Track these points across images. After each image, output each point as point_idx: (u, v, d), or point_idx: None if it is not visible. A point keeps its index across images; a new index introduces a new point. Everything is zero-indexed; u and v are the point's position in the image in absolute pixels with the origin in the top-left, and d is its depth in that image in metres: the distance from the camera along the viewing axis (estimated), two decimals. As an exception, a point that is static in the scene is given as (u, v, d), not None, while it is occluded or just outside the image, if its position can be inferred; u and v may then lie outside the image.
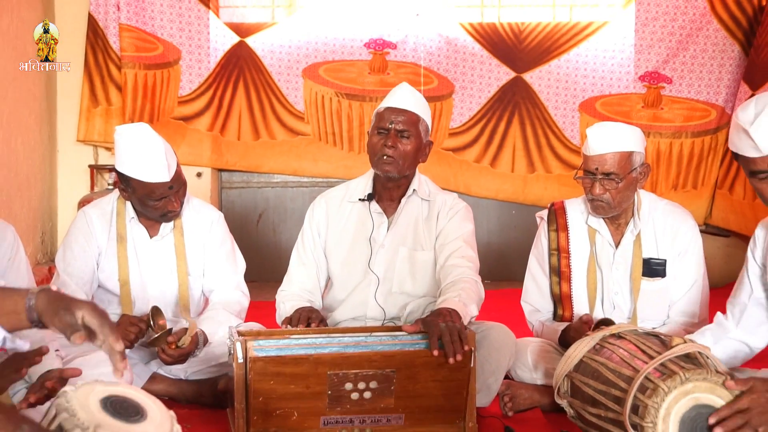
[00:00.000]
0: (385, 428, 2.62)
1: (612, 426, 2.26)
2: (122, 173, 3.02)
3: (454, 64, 6.05)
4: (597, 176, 2.99)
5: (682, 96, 6.07)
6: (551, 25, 6.03)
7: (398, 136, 2.97)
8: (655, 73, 6.05)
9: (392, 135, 2.97)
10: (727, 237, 6.01)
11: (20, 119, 5.19)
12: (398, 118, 2.97)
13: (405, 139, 2.98)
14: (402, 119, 2.97)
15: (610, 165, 2.97)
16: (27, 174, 5.30)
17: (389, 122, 2.98)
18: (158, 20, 5.82)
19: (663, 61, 6.03)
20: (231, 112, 5.98)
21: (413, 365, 2.57)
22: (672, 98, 6.07)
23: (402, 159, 2.97)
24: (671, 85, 6.06)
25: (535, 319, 3.27)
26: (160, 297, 3.14)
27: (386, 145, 2.96)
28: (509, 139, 6.12)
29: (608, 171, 2.97)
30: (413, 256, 3.08)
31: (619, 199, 3.02)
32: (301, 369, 2.52)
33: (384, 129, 2.98)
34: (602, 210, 3.04)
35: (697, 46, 6.00)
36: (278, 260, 3.29)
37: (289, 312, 2.96)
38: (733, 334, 2.67)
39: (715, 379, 2.13)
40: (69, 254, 3.13)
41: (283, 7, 5.95)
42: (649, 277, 3.09)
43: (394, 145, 2.96)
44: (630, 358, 2.30)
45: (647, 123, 5.98)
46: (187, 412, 2.75)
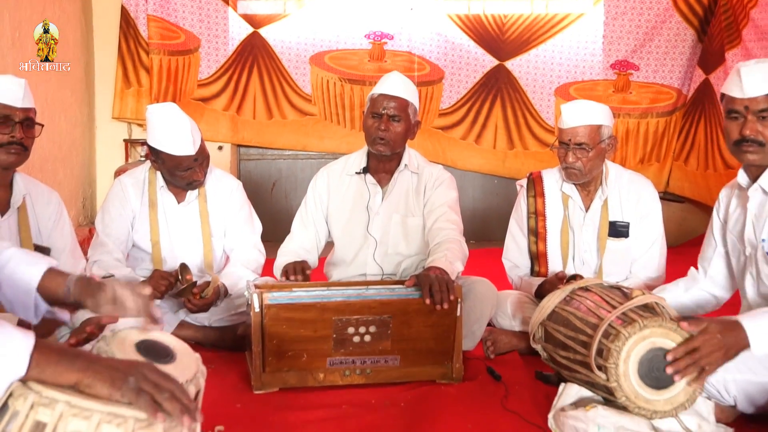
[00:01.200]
0: (382, 368, 2.64)
1: (580, 367, 2.27)
2: (153, 147, 3.03)
3: (444, 53, 6.03)
4: (570, 146, 3.00)
5: (648, 81, 6.07)
6: (531, 18, 6.00)
7: (390, 120, 2.98)
8: (624, 61, 6.04)
9: (385, 119, 2.98)
10: (682, 203, 6.04)
11: (63, 99, 5.19)
12: (390, 104, 2.98)
13: (396, 123, 2.99)
14: (393, 105, 2.98)
15: (581, 136, 2.98)
16: (69, 147, 5.30)
17: (382, 107, 2.99)
18: (180, 12, 5.79)
19: (631, 51, 6.02)
20: (246, 95, 5.97)
21: (407, 312, 2.60)
22: (639, 83, 6.07)
23: (393, 139, 3.00)
24: (638, 71, 6.06)
25: (515, 274, 3.28)
26: (186, 255, 3.14)
27: (379, 128, 2.98)
28: (492, 119, 6.12)
29: (580, 142, 2.98)
30: (405, 221, 3.10)
31: (590, 167, 3.02)
32: (309, 315, 2.56)
33: (377, 114, 3.00)
34: (575, 176, 3.06)
35: (662, 36, 5.99)
36: (290, 223, 3.29)
37: (281, 265, 3.00)
38: (701, 285, 2.66)
39: (669, 325, 2.14)
40: (107, 218, 3.14)
41: (293, 1, 5.92)
42: (615, 238, 3.10)
43: (387, 128, 2.98)
44: (596, 308, 2.31)
45: (617, 105, 5.99)
46: (210, 355, 2.77)
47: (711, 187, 5.69)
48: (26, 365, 1.26)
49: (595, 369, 2.18)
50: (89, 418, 1.27)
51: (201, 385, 1.72)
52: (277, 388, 2.60)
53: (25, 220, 2.69)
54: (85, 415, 1.28)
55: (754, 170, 2.39)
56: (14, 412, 1.30)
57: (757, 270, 2.41)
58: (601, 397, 2.25)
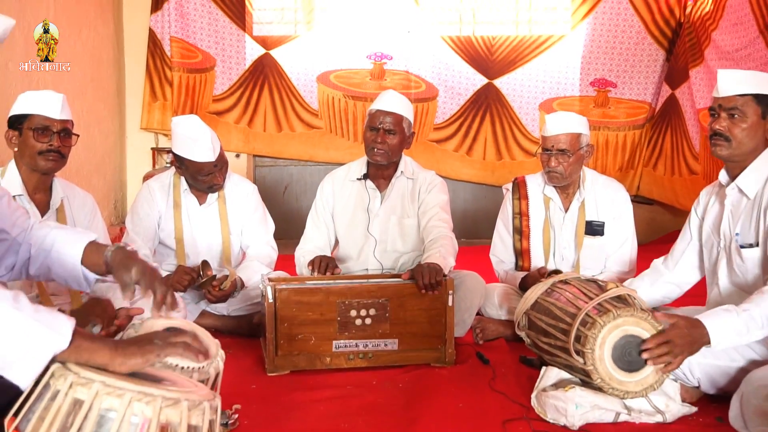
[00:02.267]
0: (382, 353, 2.64)
1: (560, 352, 2.27)
2: (178, 154, 3.03)
3: (438, 72, 6.01)
4: (553, 152, 3.00)
5: (624, 97, 6.05)
6: (516, 40, 5.97)
7: (386, 133, 2.99)
8: (602, 79, 6.02)
9: (381, 133, 2.98)
10: (651, 205, 6.03)
11: (97, 112, 5.19)
12: (386, 119, 2.98)
13: (392, 135, 2.99)
14: (389, 120, 2.98)
15: (563, 143, 2.99)
16: (102, 155, 5.30)
17: (379, 122, 2.99)
18: (199, 34, 5.78)
19: (609, 70, 6.00)
20: (258, 109, 5.94)
21: (402, 295, 2.63)
22: (617, 99, 6.05)
23: (389, 150, 3.00)
24: (616, 88, 6.03)
25: (501, 269, 3.28)
26: (207, 251, 3.15)
27: (377, 141, 2.98)
28: (482, 133, 6.09)
29: (562, 148, 2.99)
30: (402, 222, 3.11)
31: (570, 171, 3.03)
32: (316, 298, 2.58)
33: (375, 127, 3.00)
34: (556, 179, 3.05)
35: (636, 57, 5.97)
36: (300, 223, 3.29)
37: (304, 265, 2.99)
38: (666, 278, 2.66)
39: (640, 314, 2.14)
40: (136, 218, 3.14)
41: (303, 23, 5.91)
42: (591, 236, 3.09)
43: (383, 141, 2.98)
44: (574, 299, 2.31)
45: (598, 119, 5.96)
46: (228, 341, 2.77)
47: (677, 190, 5.69)
48: (69, 340, 1.26)
49: (573, 353, 2.18)
50: (122, 396, 1.27)
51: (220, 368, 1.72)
52: (288, 370, 2.60)
53: (63, 220, 2.69)
54: (118, 393, 1.28)
55: (732, 169, 2.40)
56: (55, 390, 1.30)
57: (729, 260, 2.42)
58: (578, 379, 2.25)
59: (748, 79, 2.33)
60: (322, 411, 2.25)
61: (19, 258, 1.69)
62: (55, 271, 1.70)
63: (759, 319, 2.09)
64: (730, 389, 2.17)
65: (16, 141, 2.59)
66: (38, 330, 1.23)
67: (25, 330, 1.23)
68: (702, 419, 2.18)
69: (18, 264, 1.69)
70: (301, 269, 3.07)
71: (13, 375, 1.24)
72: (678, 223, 2.76)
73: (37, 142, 2.55)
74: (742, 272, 2.38)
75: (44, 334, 1.24)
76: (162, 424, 1.29)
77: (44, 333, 1.24)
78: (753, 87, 2.30)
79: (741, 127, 2.30)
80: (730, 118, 2.32)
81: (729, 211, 2.42)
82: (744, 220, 2.38)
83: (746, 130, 2.30)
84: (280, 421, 2.16)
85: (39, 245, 1.69)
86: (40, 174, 2.61)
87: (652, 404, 2.16)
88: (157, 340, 1.37)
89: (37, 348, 1.24)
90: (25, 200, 2.61)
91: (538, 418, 2.17)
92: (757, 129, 2.31)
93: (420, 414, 2.21)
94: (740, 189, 2.38)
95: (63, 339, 1.26)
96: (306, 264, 2.97)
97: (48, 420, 1.27)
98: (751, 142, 2.32)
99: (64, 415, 1.27)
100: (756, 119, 2.30)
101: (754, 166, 2.35)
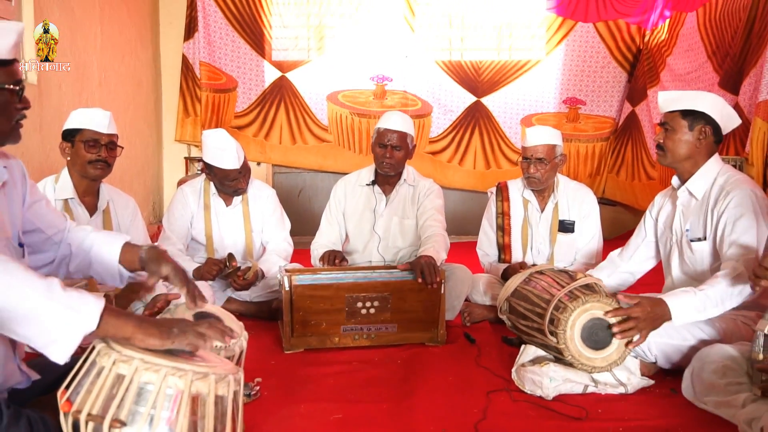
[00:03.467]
0: (383, 334, 2.64)
1: (536, 333, 2.27)
2: (207, 162, 3.03)
3: (432, 92, 5.99)
4: (532, 160, 3.01)
5: (593, 114, 6.03)
6: (500, 64, 5.97)
7: (393, 149, 2.99)
8: (574, 98, 6.01)
9: (389, 149, 2.99)
10: (614, 206, 6.02)
11: (137, 126, 5.19)
12: (393, 137, 2.98)
13: (398, 151, 2.99)
14: (395, 137, 2.98)
15: (540, 152, 2.99)
16: (142, 163, 5.30)
17: (387, 139, 2.99)
18: (223, 60, 5.77)
19: (579, 90, 5.99)
20: (274, 125, 5.91)
21: (403, 290, 2.61)
22: (586, 115, 6.04)
23: (396, 163, 3.01)
24: (585, 106, 6.03)
25: (486, 261, 3.27)
26: (232, 246, 3.14)
27: (385, 156, 2.99)
28: (472, 145, 6.07)
29: (539, 157, 2.99)
30: (402, 222, 3.10)
31: (546, 177, 3.03)
32: (327, 292, 2.56)
33: (383, 144, 3.00)
34: (534, 183, 3.05)
35: (602, 78, 5.97)
36: (312, 222, 3.28)
37: (318, 256, 3.01)
38: (622, 269, 2.66)
39: (605, 300, 2.14)
40: (171, 218, 3.14)
41: (314, 50, 5.89)
42: (563, 233, 3.09)
43: (391, 155, 2.99)
44: (548, 287, 2.31)
45: (571, 132, 5.95)
46: (251, 323, 2.75)
47: (636, 193, 5.68)
48: (97, 322, 1.27)
49: (548, 334, 2.18)
50: (158, 371, 1.27)
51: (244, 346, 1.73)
52: (303, 349, 2.60)
53: (109, 220, 2.69)
54: (155, 368, 1.28)
55: (683, 175, 2.42)
56: (100, 367, 1.30)
57: (681, 253, 2.44)
58: (552, 356, 2.25)
59: (676, 98, 2.37)
60: (332, 383, 2.25)
61: (58, 255, 1.69)
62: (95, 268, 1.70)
63: (714, 298, 2.10)
64: (683, 365, 2.18)
65: (68, 151, 2.59)
66: (69, 315, 1.24)
67: (58, 316, 1.23)
68: (658, 390, 2.18)
69: (57, 260, 1.69)
70: (315, 261, 3.07)
71: (52, 354, 1.25)
72: (637, 222, 2.76)
73: (87, 153, 2.55)
74: (692, 263, 2.40)
75: (74, 319, 1.24)
76: (193, 395, 1.29)
77: (74, 318, 1.24)
78: (680, 104, 2.34)
79: (672, 138, 2.34)
80: (665, 132, 2.36)
81: (680, 210, 2.44)
82: (693, 218, 2.39)
83: (676, 141, 2.34)
84: (295, 392, 2.16)
85: (78, 245, 1.70)
86: (89, 180, 2.61)
87: (616, 378, 2.16)
88: (176, 329, 1.36)
89: (69, 330, 1.24)
90: (76, 203, 2.61)
91: (517, 389, 2.17)
92: (687, 139, 2.33)
93: (416, 386, 2.20)
94: (690, 191, 2.39)
95: (91, 321, 1.26)
96: (318, 258, 2.98)
97: (95, 392, 1.28)
98: (682, 151, 2.34)
99: (108, 388, 1.27)
100: (684, 131, 2.32)
101: (701, 172, 2.36)
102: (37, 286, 1.24)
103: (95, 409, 1.26)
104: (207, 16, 5.66)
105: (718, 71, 4.57)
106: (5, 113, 1.42)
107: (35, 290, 1.23)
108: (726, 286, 2.11)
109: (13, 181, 1.59)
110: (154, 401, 1.26)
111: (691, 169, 2.37)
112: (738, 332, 2.23)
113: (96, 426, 1.25)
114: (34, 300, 1.23)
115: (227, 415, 1.34)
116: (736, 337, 2.20)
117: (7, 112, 1.42)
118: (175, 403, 1.26)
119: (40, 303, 1.23)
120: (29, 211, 1.65)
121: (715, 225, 2.30)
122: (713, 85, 4.54)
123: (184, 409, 1.27)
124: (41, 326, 1.23)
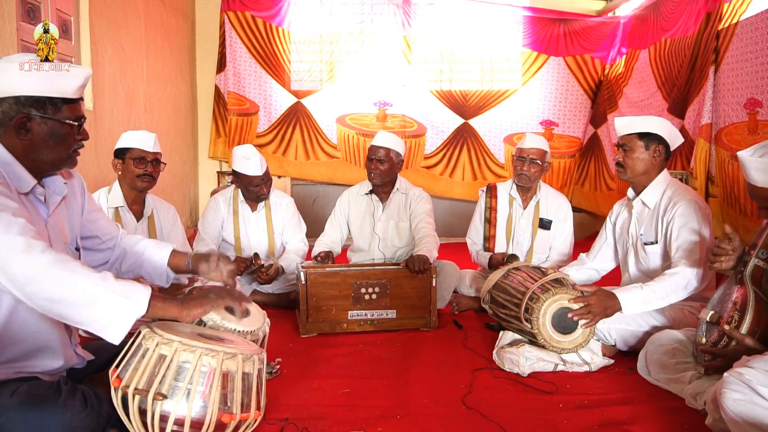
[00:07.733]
0: (385, 320, 2.64)
1: (514, 320, 2.27)
2: (235, 170, 3.03)
3: (426, 115, 5.98)
4: (527, 160, 2.97)
5: (564, 134, 5.99)
6: (483, 92, 5.94)
7: (378, 162, 2.98)
8: (548, 120, 5.98)
9: (375, 162, 2.99)
10: (579, 212, 6.00)
11: (177, 145, 5.19)
12: (379, 152, 2.99)
13: (382, 164, 2.99)
14: (381, 153, 2.98)
15: (534, 154, 2.97)
16: (181, 176, 5.30)
17: (374, 154, 3.00)
18: (247, 88, 5.74)
19: (552, 113, 5.96)
20: (290, 143, 5.85)
21: (398, 277, 2.63)
22: (558, 135, 5.98)
23: (381, 174, 2.99)
24: (558, 127, 6.00)
25: (473, 249, 3.22)
26: (257, 246, 3.13)
27: (371, 168, 3.00)
28: (461, 160, 6.03)
29: (533, 158, 2.97)
30: (398, 225, 3.09)
31: (534, 176, 3.00)
32: (335, 280, 2.58)
33: (371, 158, 3.01)
34: (524, 180, 3.01)
35: (571, 104, 5.93)
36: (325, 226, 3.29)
37: (316, 252, 3.02)
38: (588, 265, 2.66)
39: (572, 292, 2.14)
40: (205, 222, 3.13)
41: (326, 80, 5.90)
42: (542, 229, 3.06)
43: (376, 168, 2.99)
44: (524, 281, 2.31)
45: (546, 150, 5.93)
46: (273, 312, 2.76)
47: (599, 202, 5.67)
48: (146, 306, 1.28)
49: (523, 321, 2.19)
50: (194, 352, 1.28)
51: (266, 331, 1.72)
52: (316, 333, 2.60)
53: (153, 225, 2.69)
54: (191, 349, 1.28)
55: (636, 187, 2.42)
56: (145, 348, 1.30)
57: (636, 254, 2.44)
58: (527, 340, 2.25)
59: (629, 123, 2.36)
60: (341, 362, 2.25)
61: (112, 257, 1.71)
62: (145, 269, 1.71)
63: (659, 293, 2.12)
64: (638, 347, 2.18)
65: (119, 167, 2.59)
66: (122, 302, 1.25)
67: (113, 303, 1.25)
68: (617, 369, 2.18)
69: (111, 261, 1.71)
70: (313, 253, 3.06)
71: (108, 336, 1.26)
72: (599, 226, 2.76)
73: (135, 168, 2.55)
74: (646, 262, 2.40)
75: (126, 305, 1.26)
76: (224, 372, 1.29)
77: (126, 304, 1.26)
78: (635, 128, 2.33)
79: (631, 157, 2.34)
80: (624, 152, 2.35)
81: (635, 218, 2.44)
82: (646, 224, 2.39)
83: (635, 159, 2.33)
84: (310, 370, 2.16)
85: (131, 249, 1.71)
86: (137, 191, 2.61)
87: (581, 358, 2.15)
88: (212, 294, 1.40)
89: (122, 315, 1.25)
90: (125, 210, 2.61)
91: (497, 368, 2.17)
92: (644, 157, 2.33)
93: (412, 364, 2.20)
94: (643, 202, 2.39)
95: (141, 307, 1.27)
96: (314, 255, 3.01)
97: (140, 370, 1.28)
98: (639, 167, 2.34)
99: (152, 366, 1.28)
100: (641, 150, 2.32)
101: (653, 185, 2.37)
102: (95, 278, 1.25)
103: (141, 384, 1.26)
104: (234, 52, 5.66)
105: (667, 99, 4.57)
106: (65, 143, 1.43)
107: (93, 282, 1.24)
108: (670, 283, 2.12)
109: (72, 193, 1.60)
110: (191, 377, 1.26)
111: (645, 183, 2.37)
112: (685, 320, 2.24)
113: (141, 399, 1.25)
114: (92, 290, 1.23)
115: (252, 389, 1.34)
116: (683, 324, 2.20)
117: (66, 143, 1.43)
118: (208, 379, 1.27)
119: (97, 292, 1.24)
120: (87, 220, 1.65)
121: (664, 230, 2.30)
122: (663, 110, 4.53)
123: (216, 384, 1.27)
124: (99, 312, 1.24)
